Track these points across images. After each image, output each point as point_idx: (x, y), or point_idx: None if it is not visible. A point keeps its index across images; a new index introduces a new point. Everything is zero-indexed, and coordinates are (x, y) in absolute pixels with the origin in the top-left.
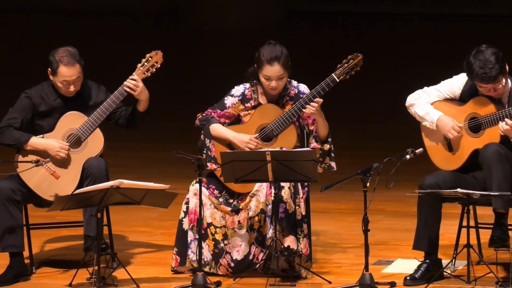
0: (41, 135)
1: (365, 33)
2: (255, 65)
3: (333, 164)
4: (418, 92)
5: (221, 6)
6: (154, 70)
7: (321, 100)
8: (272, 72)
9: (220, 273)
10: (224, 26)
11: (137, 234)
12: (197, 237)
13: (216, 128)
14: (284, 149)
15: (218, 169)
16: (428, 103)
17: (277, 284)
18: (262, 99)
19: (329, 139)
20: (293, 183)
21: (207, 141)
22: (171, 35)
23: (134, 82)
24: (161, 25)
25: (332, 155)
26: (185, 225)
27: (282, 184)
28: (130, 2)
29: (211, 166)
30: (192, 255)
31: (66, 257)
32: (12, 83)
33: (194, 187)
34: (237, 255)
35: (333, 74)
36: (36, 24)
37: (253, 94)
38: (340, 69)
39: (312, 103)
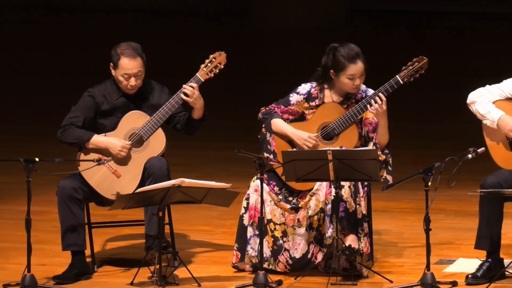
0: (103, 134)
1: (426, 32)
2: (331, 70)
3: (389, 178)
4: (480, 90)
5: (284, 6)
6: (217, 71)
7: (385, 98)
8: (357, 70)
9: (279, 269)
10: (287, 25)
11: (198, 232)
12: (256, 233)
13: (277, 123)
14: (344, 148)
15: (279, 167)
16: (489, 102)
17: (338, 283)
18: (328, 100)
19: (386, 151)
20: (353, 182)
21: (268, 135)
22: (235, 34)
23: (191, 89)
24: (224, 24)
25: (390, 168)
26: (245, 221)
27: (342, 183)
28: (194, 1)
29: (268, 156)
30: (251, 251)
31: (127, 256)
32: (75, 81)
33: (255, 183)
34: (296, 253)
35: (397, 76)
36: (99, 23)
37: (319, 94)
38: (405, 71)
39: (376, 99)
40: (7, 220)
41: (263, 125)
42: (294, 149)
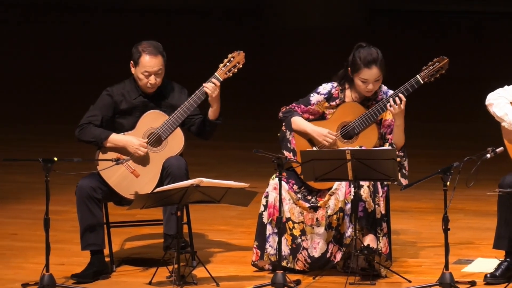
0: (122, 134)
1: (447, 31)
2: (349, 68)
3: (403, 181)
4: (498, 91)
5: (303, 5)
6: (236, 70)
7: (404, 98)
8: (370, 75)
9: (298, 268)
10: (305, 25)
11: (216, 232)
12: (275, 231)
13: (297, 121)
14: (363, 148)
15: (298, 166)
16: (508, 103)
17: (357, 282)
18: (348, 100)
19: (401, 153)
20: (372, 182)
21: (288, 133)
22: (253, 34)
23: (214, 86)
24: (242, 24)
25: (404, 171)
26: (265, 219)
27: (361, 182)
28: (211, 1)
29: (288, 154)
30: (270, 249)
31: (146, 255)
32: (94, 81)
33: (274, 181)
34: (315, 252)
35: (417, 75)
36: (115, 23)
37: (340, 94)
38: (426, 71)
39: (396, 99)
40: (25, 219)
41: (283, 124)
42: (314, 148)
